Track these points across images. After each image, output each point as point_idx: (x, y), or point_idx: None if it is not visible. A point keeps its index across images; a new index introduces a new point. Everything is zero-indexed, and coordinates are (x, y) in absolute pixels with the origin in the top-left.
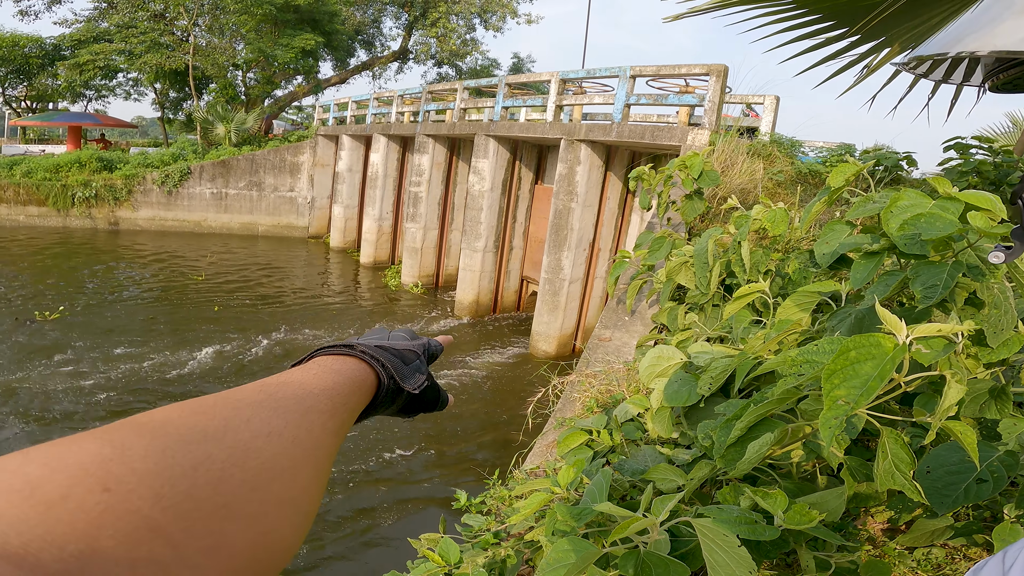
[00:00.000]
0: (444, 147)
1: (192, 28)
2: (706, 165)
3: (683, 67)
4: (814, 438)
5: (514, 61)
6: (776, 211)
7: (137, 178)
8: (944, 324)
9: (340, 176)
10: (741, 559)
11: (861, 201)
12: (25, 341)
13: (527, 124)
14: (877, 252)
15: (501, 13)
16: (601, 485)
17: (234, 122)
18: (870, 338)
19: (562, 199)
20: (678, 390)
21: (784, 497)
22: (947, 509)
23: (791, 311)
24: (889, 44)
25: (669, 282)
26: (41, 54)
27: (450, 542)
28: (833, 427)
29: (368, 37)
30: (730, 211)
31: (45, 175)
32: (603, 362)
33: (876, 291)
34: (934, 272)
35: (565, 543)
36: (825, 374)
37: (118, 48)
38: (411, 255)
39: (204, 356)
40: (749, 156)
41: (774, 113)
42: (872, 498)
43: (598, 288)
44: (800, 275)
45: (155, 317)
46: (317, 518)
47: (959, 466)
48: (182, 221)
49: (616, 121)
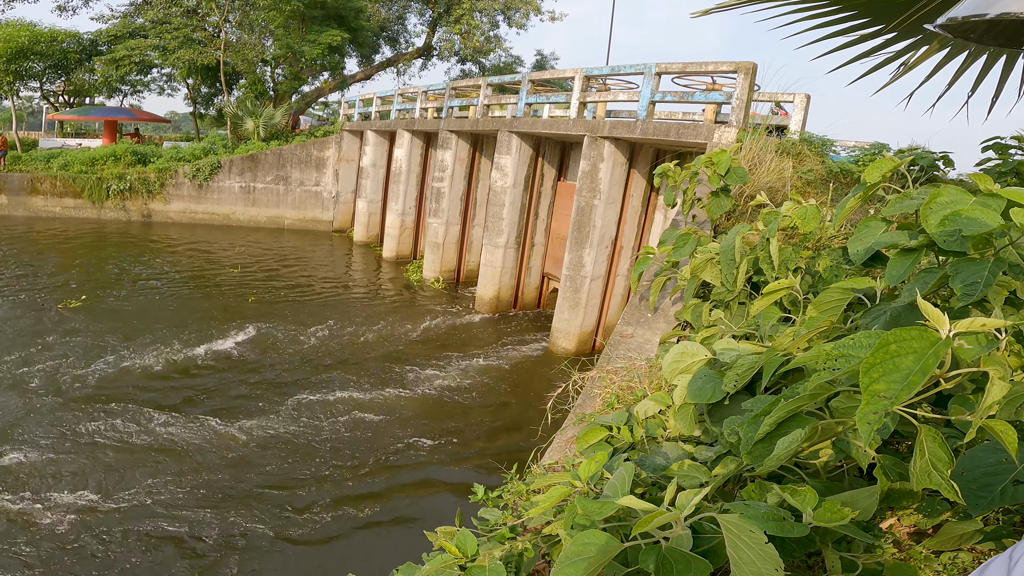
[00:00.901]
0: (467, 143)
1: (223, 24)
2: (733, 162)
3: (710, 64)
4: (845, 436)
5: (537, 58)
6: (807, 208)
7: (170, 171)
8: (988, 319)
9: (364, 171)
10: (768, 556)
11: (898, 198)
12: (51, 327)
13: (550, 120)
14: (914, 249)
15: (524, 10)
16: (623, 479)
17: (262, 117)
18: (911, 331)
19: (585, 196)
20: (702, 387)
21: (814, 494)
22: (982, 511)
23: (823, 307)
24: (927, 42)
25: (694, 279)
26: (78, 49)
27: (467, 534)
28: (872, 422)
29: (393, 34)
30: (758, 209)
31: (81, 168)
32: (624, 358)
33: (915, 288)
34: (974, 269)
35: (585, 536)
36: (864, 368)
37: (152, 44)
38: (433, 250)
39: (230, 346)
40: (778, 154)
41: (804, 111)
42: (905, 496)
43: (620, 286)
44: (832, 273)
45: (186, 306)
46: (329, 509)
47: (996, 467)
48: (212, 214)
49: (641, 118)
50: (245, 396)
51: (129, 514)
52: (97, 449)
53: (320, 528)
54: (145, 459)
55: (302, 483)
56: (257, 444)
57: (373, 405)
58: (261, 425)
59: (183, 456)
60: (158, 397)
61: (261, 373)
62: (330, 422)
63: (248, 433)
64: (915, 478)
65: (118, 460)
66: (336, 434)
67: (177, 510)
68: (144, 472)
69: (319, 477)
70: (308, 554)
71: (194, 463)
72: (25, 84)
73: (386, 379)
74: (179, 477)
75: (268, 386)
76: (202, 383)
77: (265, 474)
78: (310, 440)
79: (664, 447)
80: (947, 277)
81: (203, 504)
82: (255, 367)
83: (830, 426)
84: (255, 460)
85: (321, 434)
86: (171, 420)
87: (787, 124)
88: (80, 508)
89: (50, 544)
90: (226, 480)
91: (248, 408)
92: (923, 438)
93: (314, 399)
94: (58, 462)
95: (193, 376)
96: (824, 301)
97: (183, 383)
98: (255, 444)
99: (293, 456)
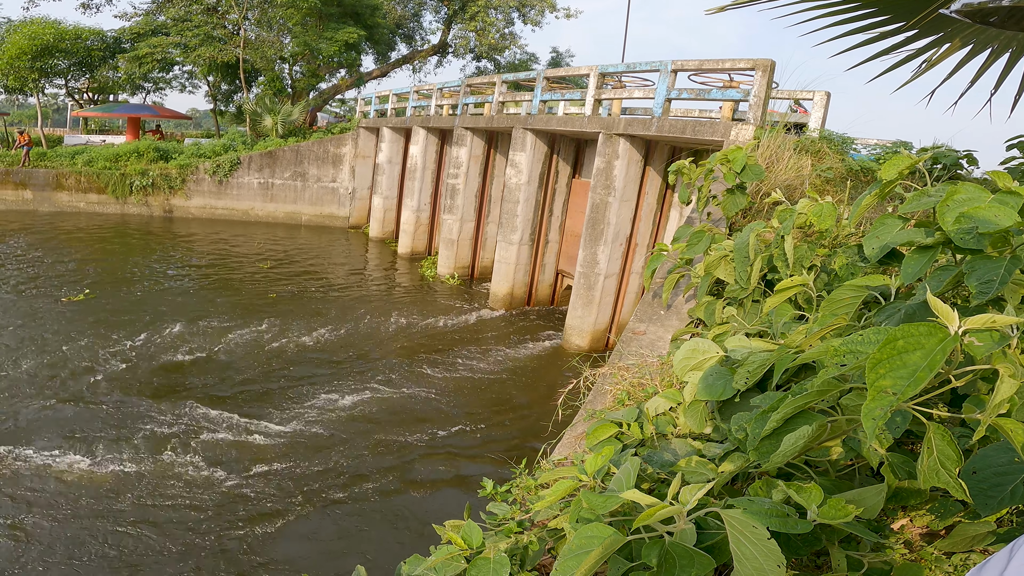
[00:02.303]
0: (482, 140)
1: (242, 21)
2: (749, 159)
3: (727, 61)
4: (855, 434)
5: (553, 56)
6: (823, 205)
7: (191, 168)
8: (999, 315)
9: (380, 167)
10: (770, 552)
11: (916, 195)
12: (67, 316)
13: (565, 118)
14: (930, 246)
15: (540, 7)
16: (628, 473)
17: (281, 114)
18: (920, 327)
19: (599, 193)
20: (713, 383)
21: (819, 491)
22: (991, 511)
23: (837, 305)
24: (949, 39)
25: (707, 276)
26: (102, 47)
27: (473, 526)
28: (877, 418)
29: (408, 31)
30: (773, 207)
31: (105, 164)
32: (636, 355)
33: (929, 285)
34: (991, 267)
35: (589, 530)
36: (870, 363)
37: (174, 41)
38: (447, 246)
39: (246, 338)
40: (796, 152)
41: (824, 109)
42: (913, 496)
43: (634, 283)
44: (847, 271)
45: (208, 299)
46: (340, 499)
47: (1007, 467)
48: (231, 210)
49: (656, 115)
50: (257, 389)
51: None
52: (128, 437)
53: (330, 520)
54: (172, 445)
55: (312, 475)
56: (269, 436)
57: (384, 399)
58: (274, 417)
59: (189, 449)
60: (178, 385)
61: (277, 365)
62: (343, 414)
63: (260, 426)
64: (923, 476)
65: (148, 447)
66: (348, 426)
67: (178, 503)
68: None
69: (330, 469)
70: (318, 546)
71: (197, 456)
72: (50, 81)
73: (398, 373)
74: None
75: (284, 378)
76: (210, 375)
77: (276, 465)
78: (323, 432)
79: (673, 443)
80: (962, 275)
81: (205, 495)
82: (270, 359)
83: (840, 423)
84: (264, 452)
85: (334, 426)
86: (186, 411)
87: (806, 122)
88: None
89: (70, 528)
90: (233, 471)
91: (261, 402)
92: (931, 435)
93: (328, 392)
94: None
95: (204, 367)
96: (837, 299)
97: (202, 373)
98: (266, 436)
99: (305, 447)
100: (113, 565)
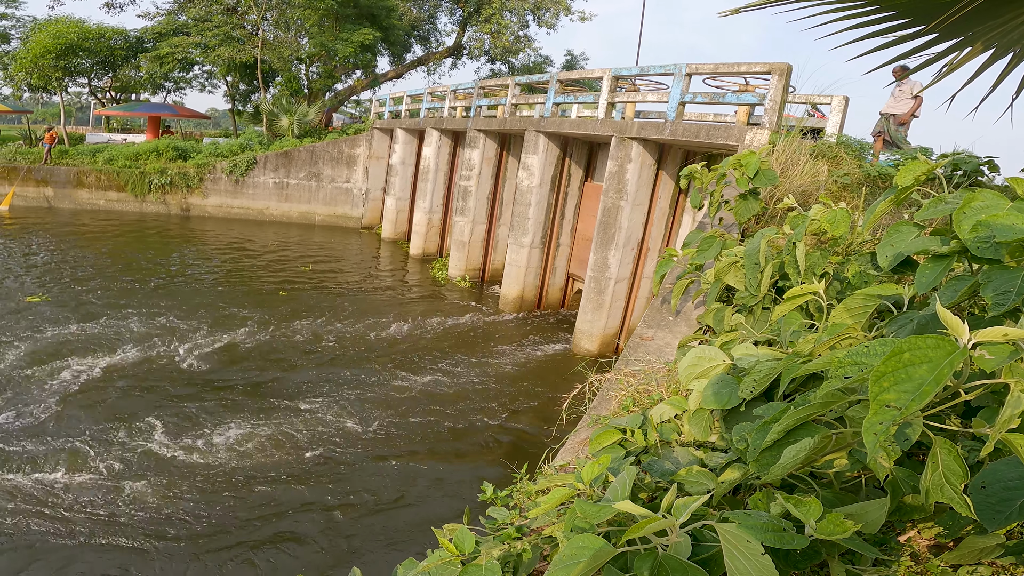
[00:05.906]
0: (494, 142)
1: (261, 22)
2: (763, 164)
3: (743, 65)
4: (860, 447)
5: (567, 58)
6: (837, 211)
7: (208, 167)
8: (1011, 328)
9: (393, 169)
10: (764, 567)
11: (932, 202)
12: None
13: (578, 120)
14: (946, 255)
15: (554, 10)
16: (624, 483)
17: (297, 114)
18: (927, 339)
19: (611, 197)
20: (719, 392)
21: (818, 505)
22: (999, 526)
23: (847, 314)
24: (970, 43)
25: (717, 283)
26: (125, 46)
27: (465, 532)
28: (878, 433)
29: (423, 33)
30: (787, 212)
31: (125, 163)
32: (643, 361)
33: (943, 296)
34: (1008, 277)
35: (580, 540)
36: (874, 376)
37: (194, 41)
38: (459, 248)
39: (249, 338)
40: (812, 157)
41: (842, 114)
42: (918, 511)
43: (645, 288)
44: (860, 279)
45: (223, 296)
46: (341, 502)
47: (1016, 482)
48: (247, 209)
49: (670, 119)
50: (257, 388)
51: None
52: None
53: (329, 520)
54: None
55: (312, 475)
56: (269, 435)
57: (391, 400)
58: (274, 416)
59: (193, 448)
60: (190, 383)
61: (288, 364)
62: (349, 415)
63: (259, 425)
64: (927, 491)
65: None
66: (354, 427)
67: (179, 498)
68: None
69: (329, 469)
70: (319, 547)
71: (196, 455)
72: (74, 80)
73: (407, 374)
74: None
75: (285, 378)
76: (214, 372)
77: (274, 463)
78: (324, 431)
79: (676, 452)
80: (979, 285)
81: (201, 497)
82: (279, 357)
83: (845, 436)
84: (263, 452)
85: (334, 425)
86: (185, 410)
87: (823, 127)
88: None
89: (77, 521)
90: (231, 471)
91: (269, 398)
92: (937, 450)
93: (338, 391)
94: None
95: (204, 367)
96: (847, 307)
97: (213, 369)
98: (266, 435)
99: (305, 447)
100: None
